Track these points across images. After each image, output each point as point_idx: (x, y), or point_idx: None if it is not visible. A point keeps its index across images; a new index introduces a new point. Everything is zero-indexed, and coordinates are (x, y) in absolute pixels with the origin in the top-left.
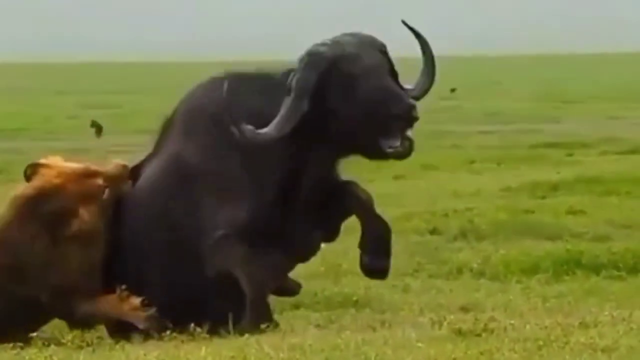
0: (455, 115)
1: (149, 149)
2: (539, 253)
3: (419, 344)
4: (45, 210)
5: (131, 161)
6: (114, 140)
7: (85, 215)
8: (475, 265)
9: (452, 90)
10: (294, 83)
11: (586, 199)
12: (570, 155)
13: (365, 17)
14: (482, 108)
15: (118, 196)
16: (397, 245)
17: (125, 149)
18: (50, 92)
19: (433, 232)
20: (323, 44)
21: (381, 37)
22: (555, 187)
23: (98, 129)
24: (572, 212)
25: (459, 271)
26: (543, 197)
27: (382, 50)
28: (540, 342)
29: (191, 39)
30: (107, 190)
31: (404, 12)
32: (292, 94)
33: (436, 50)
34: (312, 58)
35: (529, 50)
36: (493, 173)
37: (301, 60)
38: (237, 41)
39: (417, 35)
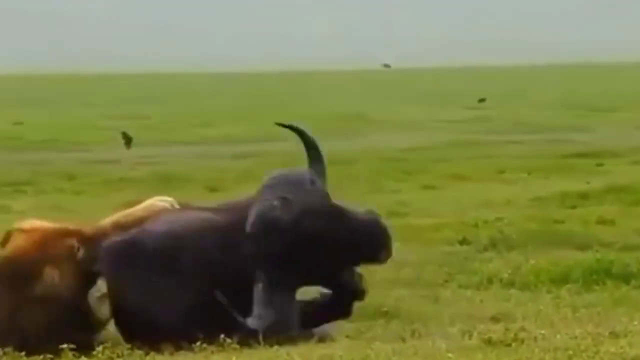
0: (484, 125)
1: None
2: (569, 263)
3: (449, 354)
4: (10, 274)
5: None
6: (142, 151)
7: (51, 276)
8: (505, 275)
9: (481, 100)
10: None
11: (616, 209)
12: (600, 165)
13: (379, 22)
14: (511, 118)
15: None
16: (427, 256)
17: (153, 160)
18: (77, 103)
19: (463, 242)
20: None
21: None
22: (585, 197)
23: (127, 140)
24: (601, 221)
25: (489, 281)
26: (573, 207)
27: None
28: (571, 352)
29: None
30: (81, 250)
31: (422, 17)
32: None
33: (461, 59)
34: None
35: (556, 58)
36: (523, 183)
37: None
38: (262, 49)
39: (292, 129)
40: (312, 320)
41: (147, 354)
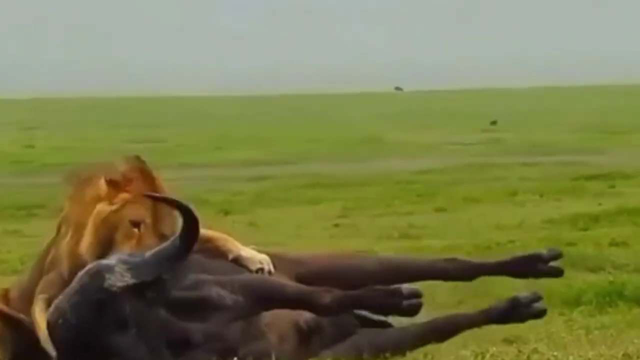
0: (496, 148)
1: None
2: (582, 285)
3: None
4: None
5: None
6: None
7: None
8: None
9: (493, 122)
10: None
11: (628, 231)
12: (612, 186)
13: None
14: (523, 140)
15: None
16: None
17: (168, 183)
18: (93, 126)
19: None
20: None
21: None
22: (597, 219)
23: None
24: (614, 243)
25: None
26: (585, 229)
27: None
28: None
29: (233, 71)
30: None
31: (439, 38)
32: None
33: (474, 81)
34: None
35: (570, 81)
36: (535, 205)
37: None
38: (277, 73)
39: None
40: None
41: None
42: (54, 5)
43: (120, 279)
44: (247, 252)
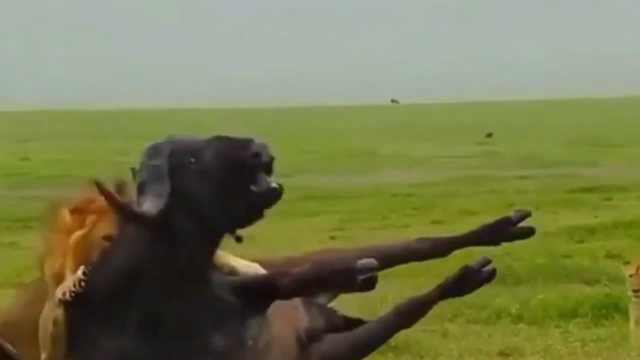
0: (492, 160)
1: None
2: (578, 297)
3: None
4: None
5: None
6: None
7: None
8: (513, 310)
9: (489, 135)
10: (145, 175)
11: (624, 243)
12: (608, 199)
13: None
14: (519, 153)
15: None
16: None
17: None
18: (88, 138)
19: None
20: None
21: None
22: (593, 232)
23: (135, 174)
24: (610, 256)
25: (498, 316)
26: (581, 242)
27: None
28: None
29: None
30: None
31: (438, 49)
32: (151, 182)
33: (474, 84)
34: (154, 149)
35: (565, 93)
36: (531, 217)
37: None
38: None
39: None
40: None
41: None
42: (54, 5)
43: None
44: (236, 262)
